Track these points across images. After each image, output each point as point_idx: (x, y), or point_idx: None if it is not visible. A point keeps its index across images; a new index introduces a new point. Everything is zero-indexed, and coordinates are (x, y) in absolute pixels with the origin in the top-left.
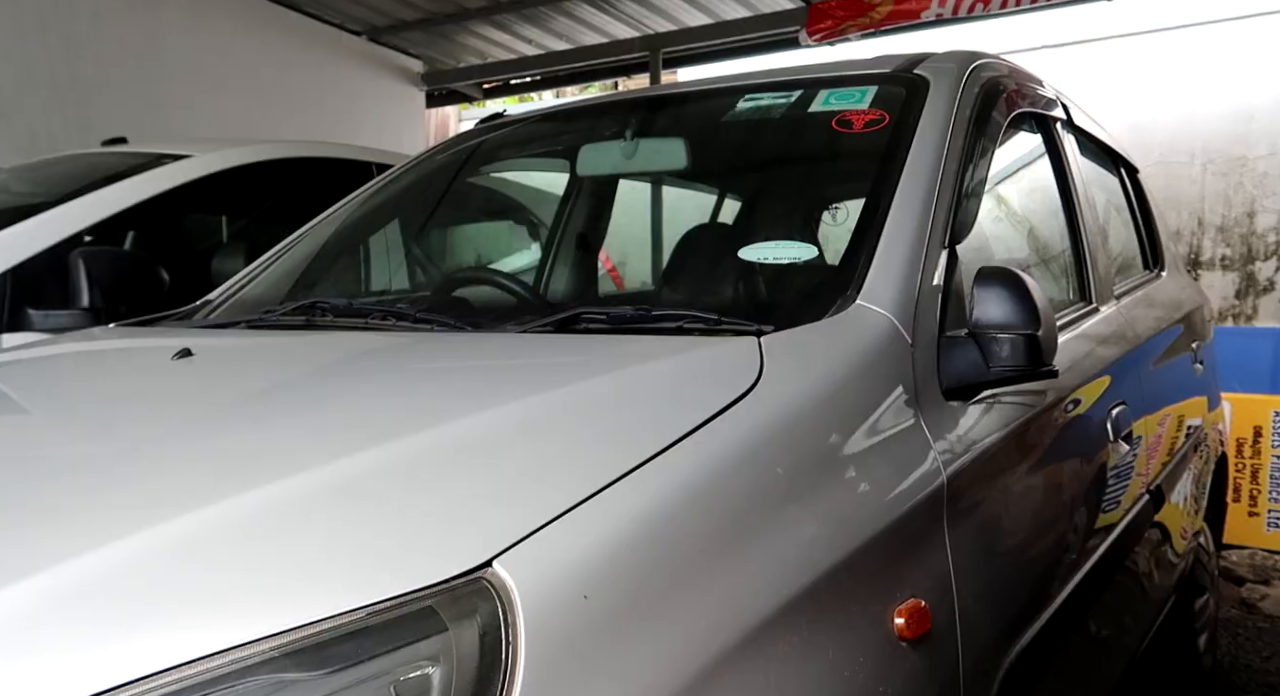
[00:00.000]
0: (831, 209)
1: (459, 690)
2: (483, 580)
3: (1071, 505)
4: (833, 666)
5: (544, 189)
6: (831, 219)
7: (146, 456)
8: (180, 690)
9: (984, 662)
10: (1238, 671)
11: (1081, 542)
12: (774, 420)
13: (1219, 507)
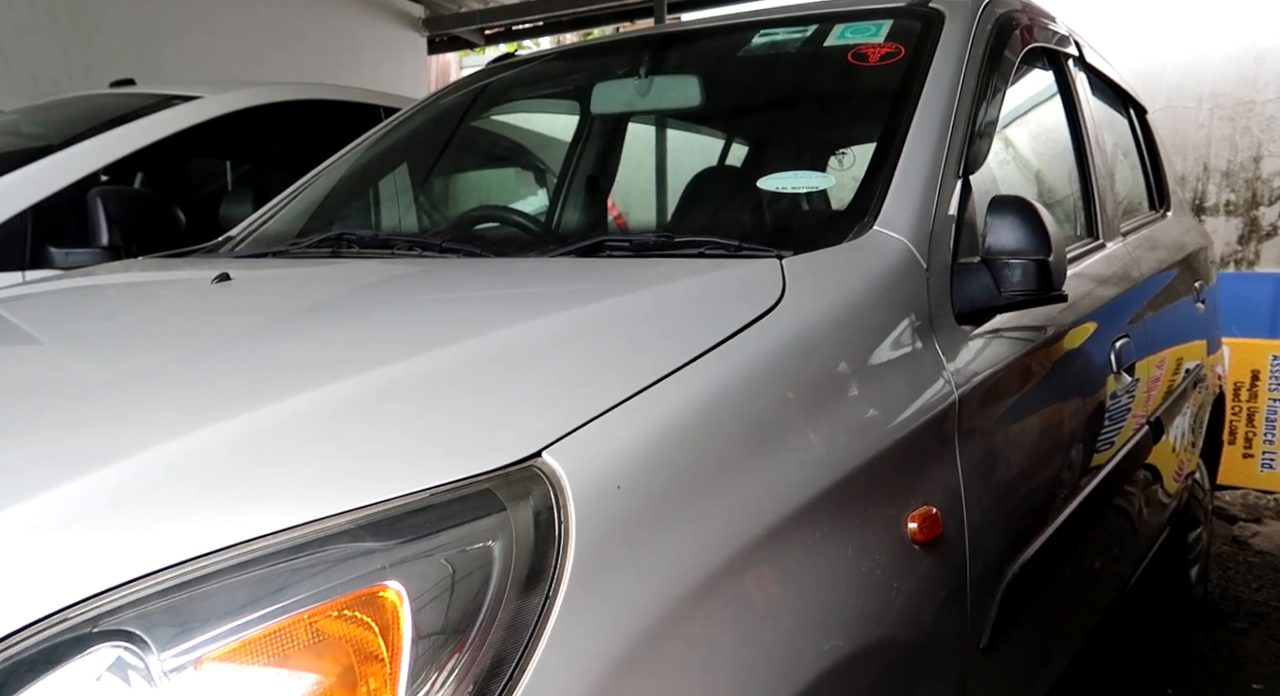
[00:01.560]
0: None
1: (518, 561)
2: (534, 467)
3: (1074, 431)
4: (852, 561)
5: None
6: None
7: (210, 363)
8: (275, 552)
9: (989, 571)
10: (1227, 602)
11: (1082, 467)
12: (797, 334)
13: (1215, 447)
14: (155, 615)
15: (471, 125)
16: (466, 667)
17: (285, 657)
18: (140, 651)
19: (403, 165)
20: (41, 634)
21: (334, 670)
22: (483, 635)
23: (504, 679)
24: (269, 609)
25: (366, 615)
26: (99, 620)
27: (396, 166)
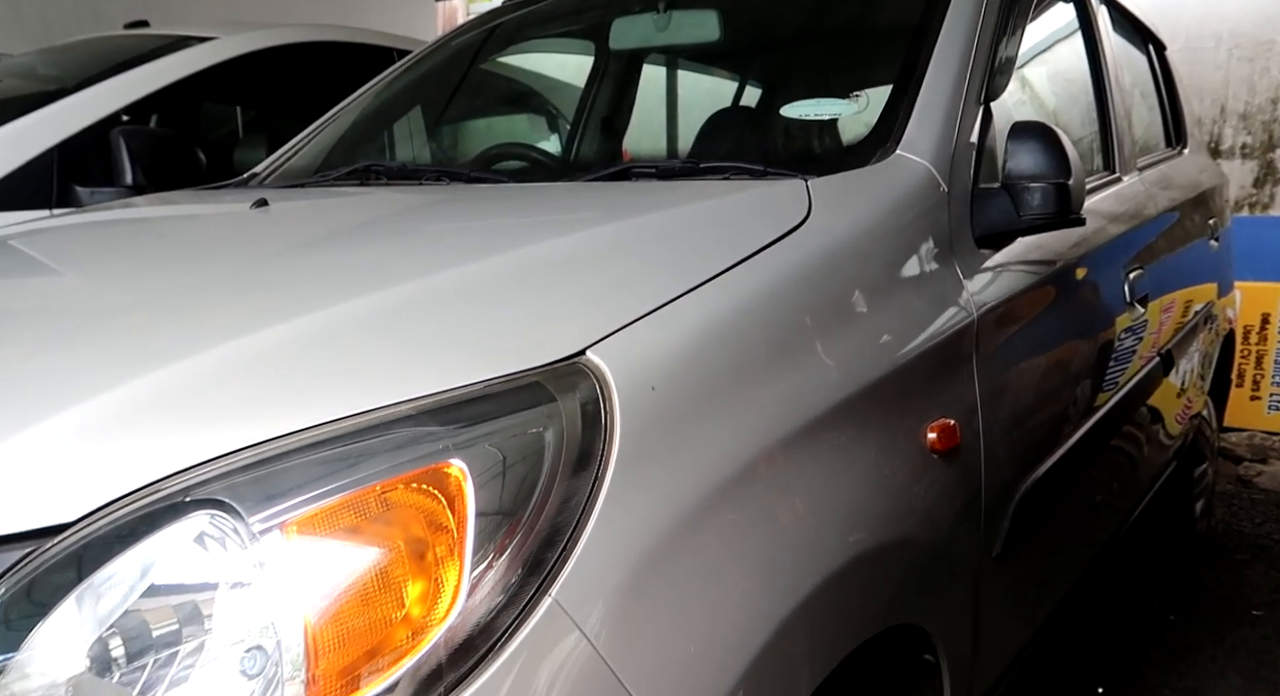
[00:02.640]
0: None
1: (569, 447)
2: (580, 364)
3: (1086, 357)
4: (875, 465)
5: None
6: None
7: (265, 273)
8: (346, 434)
9: (1003, 485)
10: (1230, 536)
11: (1093, 392)
12: (822, 250)
13: (1223, 387)
14: (241, 487)
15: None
16: (524, 538)
17: (361, 524)
18: (229, 517)
19: (416, 108)
20: (140, 502)
21: (405, 537)
22: (538, 510)
23: (559, 549)
24: (344, 481)
25: (433, 488)
26: (190, 490)
27: (410, 109)
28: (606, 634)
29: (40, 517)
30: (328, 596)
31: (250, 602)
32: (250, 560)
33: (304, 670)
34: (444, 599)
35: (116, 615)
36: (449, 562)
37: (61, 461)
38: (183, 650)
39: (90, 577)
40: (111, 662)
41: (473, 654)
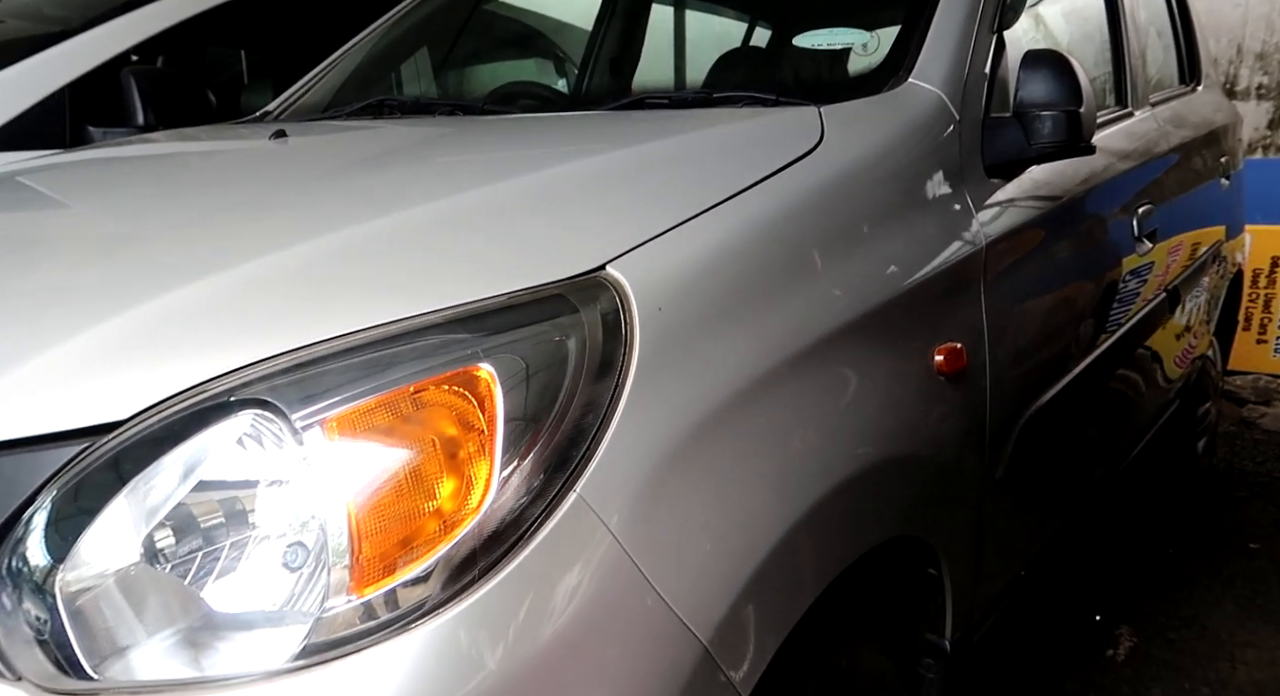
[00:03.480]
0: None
1: (591, 354)
2: (600, 278)
3: (1093, 289)
4: (883, 383)
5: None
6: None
7: (293, 195)
8: (379, 340)
9: (1008, 409)
10: (1231, 474)
11: (1099, 324)
12: (835, 175)
13: (1229, 328)
14: (282, 388)
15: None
16: (550, 438)
17: (397, 422)
18: (272, 416)
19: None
20: (187, 402)
21: (438, 434)
22: (562, 412)
23: (582, 448)
24: (379, 381)
25: (464, 389)
26: (235, 391)
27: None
28: (628, 528)
29: (93, 416)
30: (367, 488)
31: (293, 496)
32: (293, 456)
33: (347, 556)
34: (475, 492)
35: (166, 509)
36: (480, 460)
37: (112, 364)
38: (230, 543)
39: (141, 473)
40: (162, 554)
41: (503, 543)
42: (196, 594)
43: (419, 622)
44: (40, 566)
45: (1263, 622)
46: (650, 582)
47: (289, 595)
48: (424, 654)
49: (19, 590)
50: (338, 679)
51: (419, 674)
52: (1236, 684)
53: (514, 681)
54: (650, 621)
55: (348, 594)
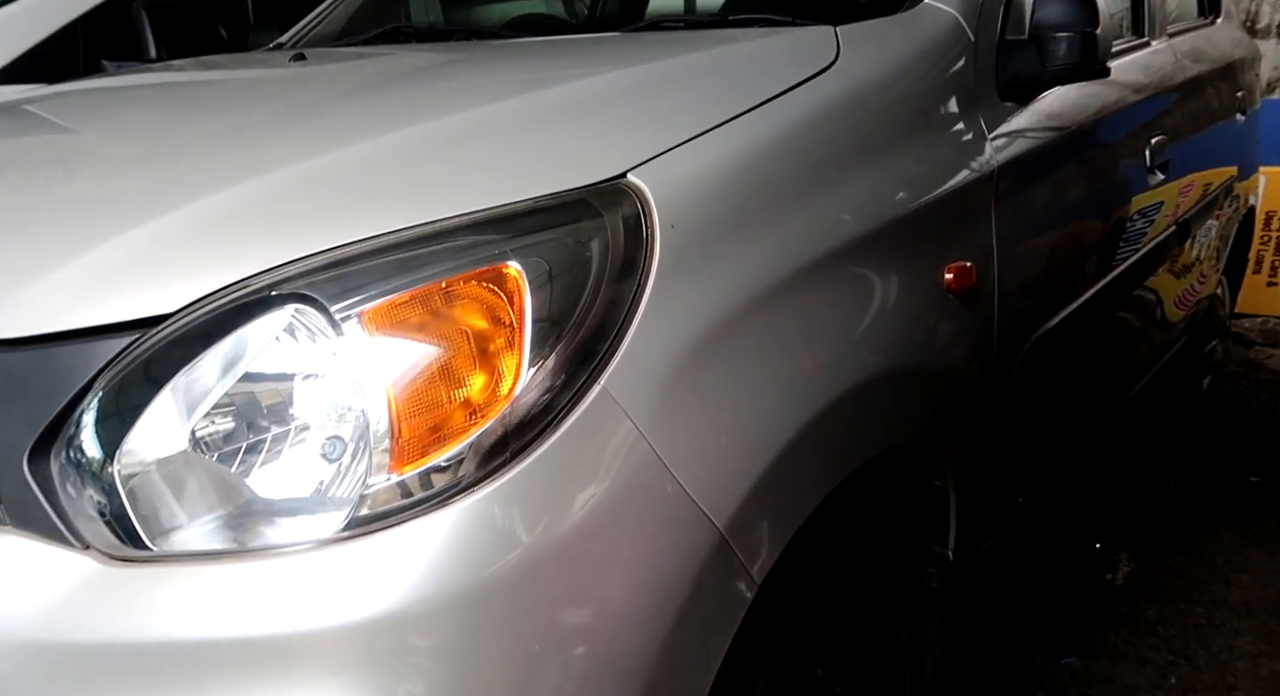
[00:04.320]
0: None
1: (614, 256)
2: (622, 184)
3: (1103, 217)
4: (894, 297)
5: None
6: None
7: (320, 110)
8: (411, 240)
9: (1014, 331)
10: (1235, 412)
11: (1108, 253)
12: (849, 92)
13: (1238, 267)
14: (321, 283)
15: None
16: (575, 333)
17: (431, 315)
18: (312, 310)
19: None
20: (231, 296)
21: (470, 327)
22: (587, 309)
23: (606, 343)
24: (413, 277)
25: (493, 285)
26: (276, 286)
27: None
28: (649, 419)
29: (141, 309)
30: (403, 376)
31: (333, 384)
32: (332, 347)
33: (387, 438)
34: (505, 382)
35: (212, 400)
36: (509, 352)
37: (158, 260)
38: (272, 431)
39: (187, 366)
40: (208, 443)
41: (532, 429)
42: (241, 480)
43: (455, 499)
44: (97, 452)
45: (1259, 550)
46: (670, 470)
47: (331, 478)
48: (461, 527)
49: (80, 474)
50: (382, 548)
51: (457, 545)
52: (1230, 604)
53: (545, 556)
54: (669, 507)
55: (389, 473)
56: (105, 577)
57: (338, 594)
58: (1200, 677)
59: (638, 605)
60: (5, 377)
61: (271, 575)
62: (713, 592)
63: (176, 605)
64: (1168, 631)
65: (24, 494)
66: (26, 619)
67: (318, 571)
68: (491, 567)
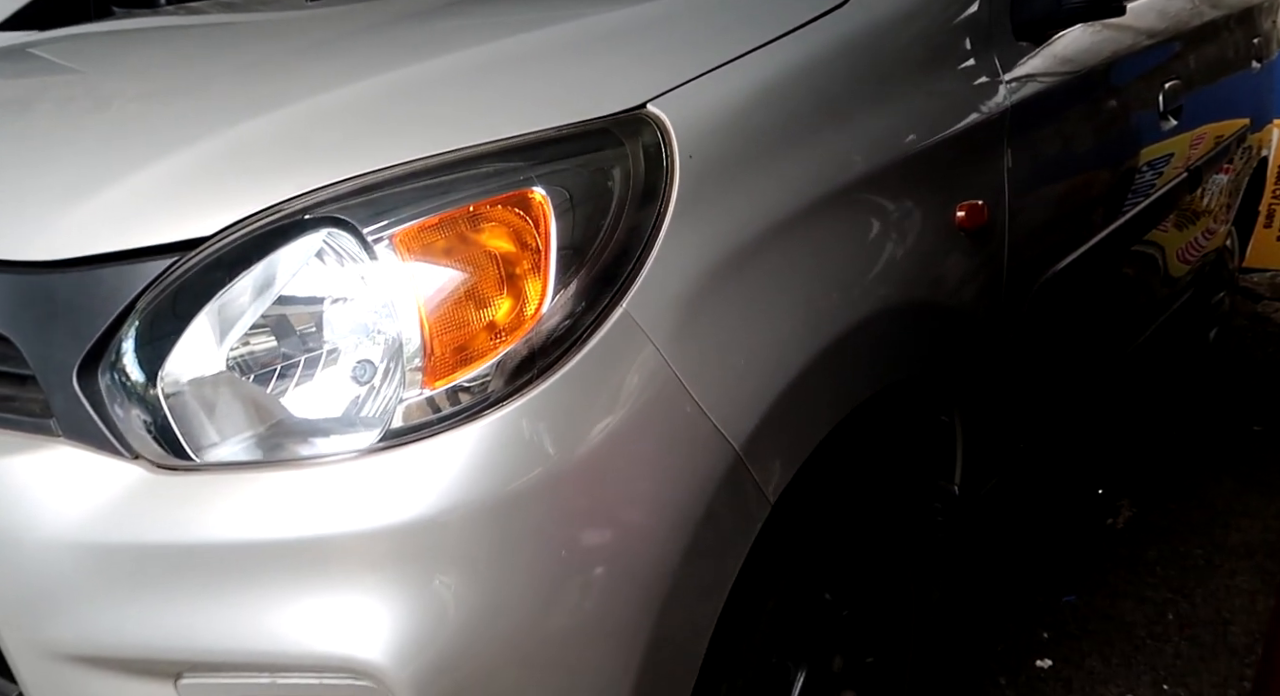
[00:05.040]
0: None
1: (635, 183)
2: (642, 114)
3: (1114, 161)
4: (906, 232)
5: None
6: None
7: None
8: (439, 166)
9: (1024, 271)
10: (1241, 363)
11: (1118, 198)
12: (864, 28)
13: (1248, 219)
14: (353, 207)
15: None
16: (598, 256)
17: (459, 237)
18: (345, 233)
19: None
20: (266, 220)
21: (498, 249)
22: (610, 233)
23: (628, 267)
24: (442, 201)
25: (520, 210)
26: (309, 210)
27: None
28: (669, 341)
29: (179, 232)
30: (434, 297)
31: (366, 304)
32: (365, 270)
33: (419, 357)
34: (532, 303)
35: (248, 323)
36: (535, 273)
37: (194, 186)
38: (308, 353)
39: (224, 288)
40: (245, 365)
41: (558, 348)
42: (277, 401)
43: (484, 414)
44: (140, 372)
45: (1259, 496)
46: (689, 391)
47: (364, 397)
48: (490, 439)
49: (125, 392)
50: (415, 459)
51: (487, 456)
52: (1229, 545)
53: (569, 469)
54: (688, 427)
55: (421, 388)
56: (155, 484)
57: (373, 500)
58: (1197, 613)
59: (657, 518)
60: (51, 299)
61: (311, 483)
62: (728, 510)
63: (223, 509)
64: (1166, 571)
65: (75, 408)
66: (83, 522)
67: (354, 479)
68: (519, 478)
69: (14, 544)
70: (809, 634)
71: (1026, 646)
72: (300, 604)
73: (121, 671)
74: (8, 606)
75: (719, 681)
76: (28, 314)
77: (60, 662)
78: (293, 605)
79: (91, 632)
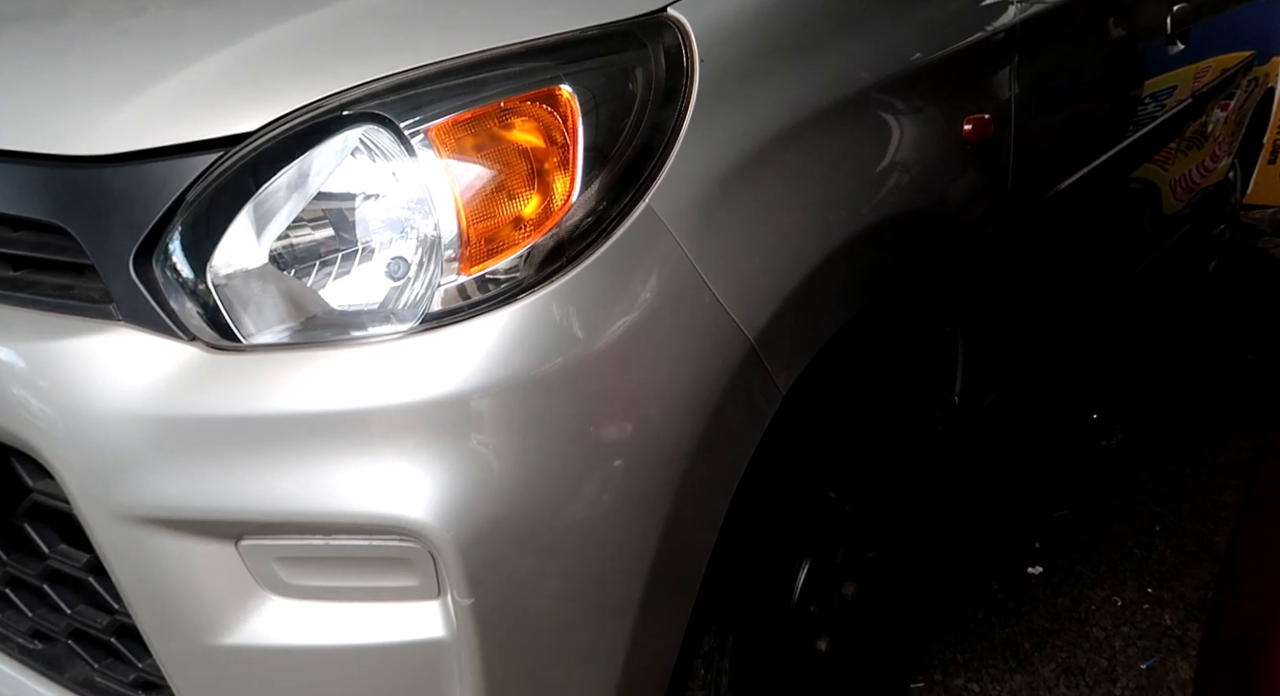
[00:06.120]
0: None
1: (657, 82)
2: (663, 17)
3: (1121, 82)
4: (915, 143)
5: None
6: None
7: None
8: (470, 65)
9: (1028, 187)
10: (1238, 296)
11: (1124, 119)
12: None
13: (1252, 152)
14: (390, 103)
15: None
16: (622, 153)
17: (492, 131)
18: (382, 128)
19: None
20: (306, 116)
21: (528, 143)
22: (633, 130)
23: (651, 163)
24: (475, 96)
25: (548, 106)
26: (348, 106)
27: None
28: (688, 235)
29: (224, 127)
30: (469, 188)
31: (401, 200)
32: (402, 164)
33: (455, 245)
34: (560, 195)
35: (290, 216)
36: (564, 167)
37: (238, 82)
38: (349, 246)
39: (267, 182)
40: (287, 258)
41: (585, 239)
42: (316, 294)
43: (517, 298)
44: (190, 262)
45: (1250, 420)
46: (707, 283)
47: (402, 285)
48: (521, 322)
49: (177, 280)
50: (451, 340)
51: (519, 336)
52: (1217, 465)
53: (596, 352)
54: (706, 317)
55: (457, 274)
56: (211, 363)
57: (416, 376)
58: (1183, 526)
59: (677, 401)
60: (105, 192)
61: (357, 361)
62: (743, 397)
63: (276, 385)
64: (1156, 489)
65: (133, 294)
66: (147, 397)
67: (397, 358)
68: (550, 358)
69: (86, 418)
70: (814, 529)
71: (1019, 555)
72: (350, 470)
73: (188, 532)
74: (83, 475)
75: (729, 568)
76: (83, 207)
77: (133, 525)
78: (343, 471)
79: (160, 497)
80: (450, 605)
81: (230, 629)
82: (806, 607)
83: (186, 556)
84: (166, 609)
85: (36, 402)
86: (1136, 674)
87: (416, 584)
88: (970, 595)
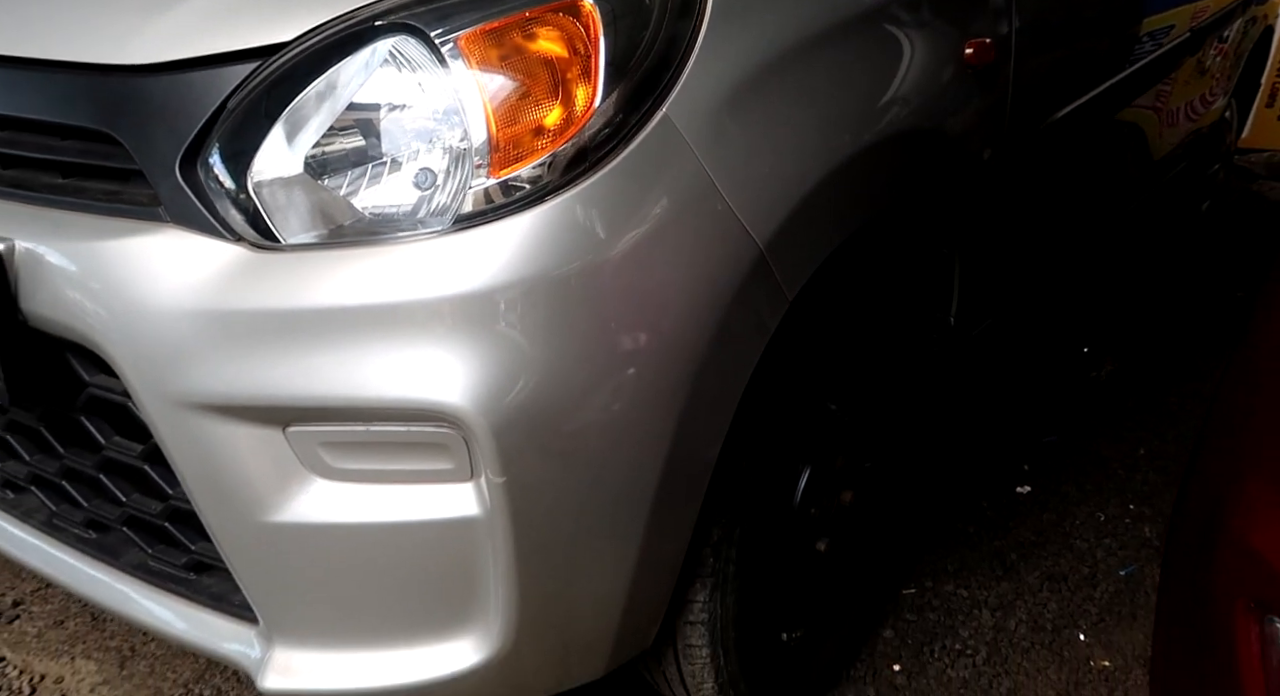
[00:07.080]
0: None
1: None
2: None
3: (1121, 11)
4: (917, 62)
5: None
6: None
7: None
8: None
9: (1027, 114)
10: (1230, 236)
11: (1122, 51)
12: None
13: (1249, 93)
14: (420, 13)
15: None
16: (641, 62)
17: (518, 40)
18: (413, 39)
19: None
20: (340, 26)
21: (552, 52)
22: (651, 41)
23: (668, 73)
24: (502, 6)
25: (571, 17)
26: (380, 16)
27: None
28: (703, 144)
29: (260, 38)
30: (497, 94)
31: (432, 108)
32: (433, 73)
33: (485, 149)
34: (583, 102)
35: (324, 125)
36: (586, 76)
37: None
38: (382, 153)
39: (302, 91)
40: (321, 167)
41: (607, 145)
42: (349, 202)
43: (544, 200)
44: (231, 169)
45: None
46: (720, 190)
47: (434, 189)
48: (548, 221)
49: (221, 183)
50: (482, 238)
51: (547, 235)
52: (1203, 394)
53: (617, 254)
54: (718, 223)
55: (487, 177)
56: (256, 261)
57: (447, 272)
58: (1166, 449)
59: (693, 300)
60: (149, 100)
61: (392, 258)
62: (752, 299)
63: (318, 281)
64: (1143, 416)
65: (180, 198)
66: (198, 292)
67: (429, 255)
68: (575, 256)
69: (142, 313)
70: (814, 437)
71: (1009, 476)
72: (389, 360)
73: (240, 418)
74: (141, 367)
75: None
76: (128, 114)
77: (190, 412)
78: (382, 360)
79: (214, 385)
80: (484, 486)
81: (280, 508)
82: (807, 509)
83: (239, 441)
84: (221, 490)
85: (95, 300)
86: (1115, 580)
87: (452, 467)
88: (961, 511)
